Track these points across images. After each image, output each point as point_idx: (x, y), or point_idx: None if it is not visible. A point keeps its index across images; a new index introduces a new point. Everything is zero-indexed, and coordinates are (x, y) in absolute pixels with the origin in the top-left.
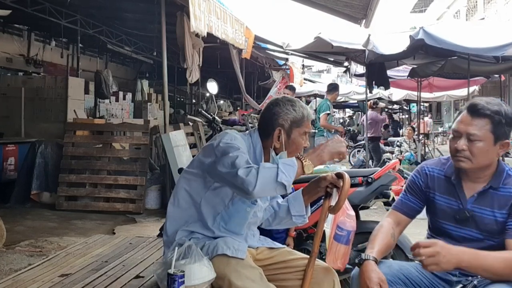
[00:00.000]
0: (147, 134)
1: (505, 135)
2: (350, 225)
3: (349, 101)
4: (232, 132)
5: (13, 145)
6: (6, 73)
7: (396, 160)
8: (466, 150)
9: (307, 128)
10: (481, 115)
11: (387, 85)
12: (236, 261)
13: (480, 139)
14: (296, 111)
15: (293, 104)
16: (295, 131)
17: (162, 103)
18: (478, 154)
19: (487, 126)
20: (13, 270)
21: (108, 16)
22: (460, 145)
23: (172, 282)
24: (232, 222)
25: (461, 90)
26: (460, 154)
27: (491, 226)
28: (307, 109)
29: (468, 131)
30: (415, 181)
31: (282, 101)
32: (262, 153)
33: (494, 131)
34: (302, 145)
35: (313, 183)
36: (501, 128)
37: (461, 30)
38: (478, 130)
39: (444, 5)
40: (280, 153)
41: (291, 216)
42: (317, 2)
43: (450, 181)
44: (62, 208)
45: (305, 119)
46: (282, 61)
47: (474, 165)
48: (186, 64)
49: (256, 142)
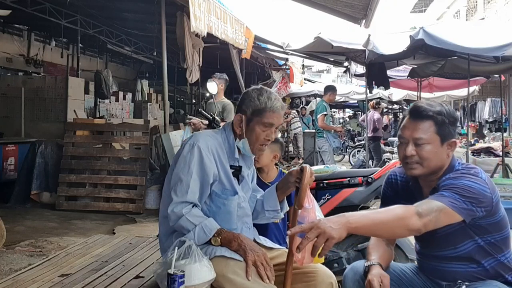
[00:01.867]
0: (147, 134)
1: (450, 135)
2: (307, 219)
3: (349, 101)
4: (201, 134)
5: (13, 145)
6: (6, 73)
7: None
8: (415, 155)
9: (268, 120)
10: (424, 117)
11: (387, 85)
12: (235, 262)
13: (427, 142)
14: (260, 100)
15: (260, 93)
16: (255, 120)
17: (162, 103)
18: (428, 158)
19: (432, 128)
20: (13, 270)
21: (108, 16)
22: (408, 151)
23: (172, 282)
24: (218, 218)
25: (461, 90)
26: (410, 160)
27: None
28: (275, 102)
29: (414, 136)
30: (385, 192)
31: (252, 89)
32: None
33: (439, 132)
34: (261, 137)
35: (283, 179)
36: (446, 128)
37: (461, 30)
38: (424, 133)
39: (444, 5)
40: (242, 140)
41: (265, 211)
42: (317, 2)
43: (409, 187)
44: (62, 208)
45: (267, 110)
46: (282, 61)
47: (425, 170)
48: (186, 64)
49: (229, 134)
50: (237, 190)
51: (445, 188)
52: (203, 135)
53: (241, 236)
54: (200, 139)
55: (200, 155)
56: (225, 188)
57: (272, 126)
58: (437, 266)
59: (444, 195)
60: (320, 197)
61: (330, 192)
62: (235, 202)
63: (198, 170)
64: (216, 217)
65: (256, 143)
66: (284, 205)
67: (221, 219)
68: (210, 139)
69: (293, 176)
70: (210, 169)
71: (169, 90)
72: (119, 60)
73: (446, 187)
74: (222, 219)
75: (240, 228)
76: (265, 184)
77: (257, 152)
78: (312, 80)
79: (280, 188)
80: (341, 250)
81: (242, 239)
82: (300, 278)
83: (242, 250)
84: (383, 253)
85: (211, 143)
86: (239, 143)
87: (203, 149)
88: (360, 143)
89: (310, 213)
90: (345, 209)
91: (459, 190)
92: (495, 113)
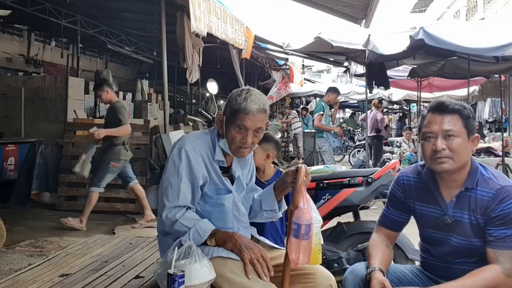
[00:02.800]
0: (147, 134)
1: (474, 129)
2: (302, 219)
3: (349, 101)
4: (188, 137)
5: (13, 145)
6: (6, 73)
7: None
8: (446, 149)
9: (241, 122)
10: (450, 111)
11: (387, 85)
12: (232, 261)
13: (457, 135)
14: (237, 101)
15: (239, 94)
16: (230, 121)
17: (162, 103)
18: (459, 151)
19: (459, 121)
20: (13, 270)
21: (108, 16)
22: (438, 145)
23: (172, 282)
24: (214, 218)
25: (461, 90)
26: (441, 155)
27: (472, 230)
28: (250, 104)
29: (444, 128)
30: (395, 193)
31: (238, 89)
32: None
33: (466, 125)
34: (237, 139)
35: (280, 179)
36: (471, 122)
37: (461, 30)
38: (453, 126)
39: (444, 5)
40: (222, 140)
41: (263, 211)
42: (317, 2)
43: (428, 189)
44: (62, 208)
45: (241, 111)
46: (282, 61)
47: (456, 164)
48: (186, 64)
49: (215, 133)
50: (230, 189)
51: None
52: (191, 137)
53: (235, 235)
54: (187, 142)
55: (187, 158)
56: (218, 187)
57: (247, 130)
58: (447, 266)
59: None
60: (320, 197)
61: (330, 192)
62: (229, 201)
63: (187, 173)
64: (212, 217)
65: (232, 144)
66: (282, 205)
67: (216, 218)
68: (198, 141)
69: (289, 176)
70: (198, 171)
71: (169, 90)
72: (119, 60)
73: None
74: (217, 219)
75: (237, 227)
76: (262, 182)
77: (237, 153)
78: (312, 80)
79: (277, 188)
80: (341, 250)
81: (236, 238)
82: (299, 279)
83: (237, 249)
84: (383, 255)
85: (198, 145)
86: (221, 143)
87: (190, 152)
88: (361, 143)
89: (305, 213)
90: (345, 209)
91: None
92: (495, 113)
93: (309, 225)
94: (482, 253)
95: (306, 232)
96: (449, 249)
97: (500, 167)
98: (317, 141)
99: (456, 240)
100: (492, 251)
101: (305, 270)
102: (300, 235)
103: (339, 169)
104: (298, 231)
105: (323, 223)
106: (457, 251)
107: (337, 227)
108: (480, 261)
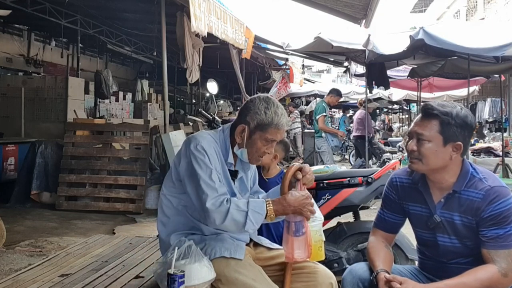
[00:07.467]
0: (147, 134)
1: (455, 137)
2: (292, 216)
3: (349, 101)
4: (201, 135)
5: (13, 145)
6: (6, 73)
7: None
8: (415, 150)
9: (272, 136)
10: (430, 116)
11: (387, 85)
12: (235, 261)
13: (428, 139)
14: (267, 114)
15: (267, 106)
16: (258, 133)
17: (162, 103)
18: (427, 155)
19: (436, 127)
20: (13, 270)
21: (108, 16)
22: (410, 145)
23: (172, 282)
24: None
25: (461, 90)
26: (412, 156)
27: (463, 231)
28: (282, 118)
29: (417, 131)
30: (389, 195)
31: (260, 98)
32: (230, 148)
33: (442, 132)
34: (261, 151)
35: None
36: (450, 129)
37: (461, 30)
38: (427, 131)
39: (444, 5)
40: (240, 150)
41: None
42: (317, 2)
43: (417, 189)
44: (62, 208)
45: (273, 126)
46: (282, 61)
47: (425, 167)
48: (186, 64)
49: (227, 138)
50: (235, 191)
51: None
52: (202, 136)
53: (286, 200)
54: (201, 140)
55: (207, 154)
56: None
57: (274, 142)
58: (443, 267)
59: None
60: (320, 197)
61: (330, 192)
62: None
63: (214, 165)
64: None
65: (255, 154)
66: None
67: None
68: (212, 140)
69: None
70: (217, 166)
71: (169, 90)
72: (119, 60)
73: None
74: None
75: None
76: (264, 180)
77: (255, 161)
78: (312, 80)
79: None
80: (341, 250)
81: (289, 202)
82: (300, 278)
83: (298, 213)
84: (384, 257)
85: (213, 144)
86: (237, 151)
87: (207, 149)
88: None
89: None
90: (345, 209)
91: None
92: (495, 113)
93: (299, 222)
94: (476, 253)
95: (298, 229)
96: (441, 249)
97: (500, 167)
98: (316, 141)
99: (447, 240)
100: (487, 251)
101: (306, 269)
102: (290, 231)
103: (339, 169)
104: (289, 228)
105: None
106: (450, 251)
107: (337, 227)
108: (475, 262)
